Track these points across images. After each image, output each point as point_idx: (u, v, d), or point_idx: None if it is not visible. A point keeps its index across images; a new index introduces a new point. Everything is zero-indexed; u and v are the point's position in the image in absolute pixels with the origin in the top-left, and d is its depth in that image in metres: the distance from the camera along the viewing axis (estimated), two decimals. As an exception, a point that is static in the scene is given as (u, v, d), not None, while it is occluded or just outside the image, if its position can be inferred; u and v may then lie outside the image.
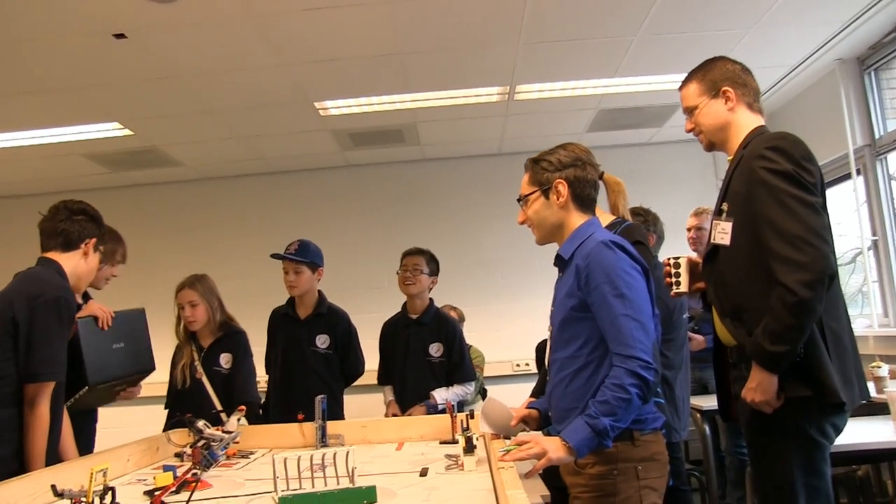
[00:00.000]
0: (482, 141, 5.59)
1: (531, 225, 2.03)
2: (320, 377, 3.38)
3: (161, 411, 3.30)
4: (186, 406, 2.79)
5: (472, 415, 2.39)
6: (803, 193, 1.81)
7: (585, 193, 1.97)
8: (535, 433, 1.98)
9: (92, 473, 1.46)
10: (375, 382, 3.64)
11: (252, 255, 4.65)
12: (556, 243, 2.01)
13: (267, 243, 3.69)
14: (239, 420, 2.40)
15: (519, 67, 4.10)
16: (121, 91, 4.02)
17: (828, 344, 1.84)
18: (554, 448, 1.70)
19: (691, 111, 2.14)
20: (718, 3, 3.47)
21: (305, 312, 3.50)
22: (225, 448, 2.29)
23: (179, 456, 2.45)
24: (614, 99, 4.74)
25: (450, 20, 3.47)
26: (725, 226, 1.98)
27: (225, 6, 3.16)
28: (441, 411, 3.14)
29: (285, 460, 1.70)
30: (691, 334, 3.62)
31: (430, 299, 3.62)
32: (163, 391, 3.31)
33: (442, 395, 3.38)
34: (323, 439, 2.51)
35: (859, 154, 4.26)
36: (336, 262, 3.99)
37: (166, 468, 2.08)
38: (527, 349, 4.39)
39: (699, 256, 2.23)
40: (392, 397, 3.52)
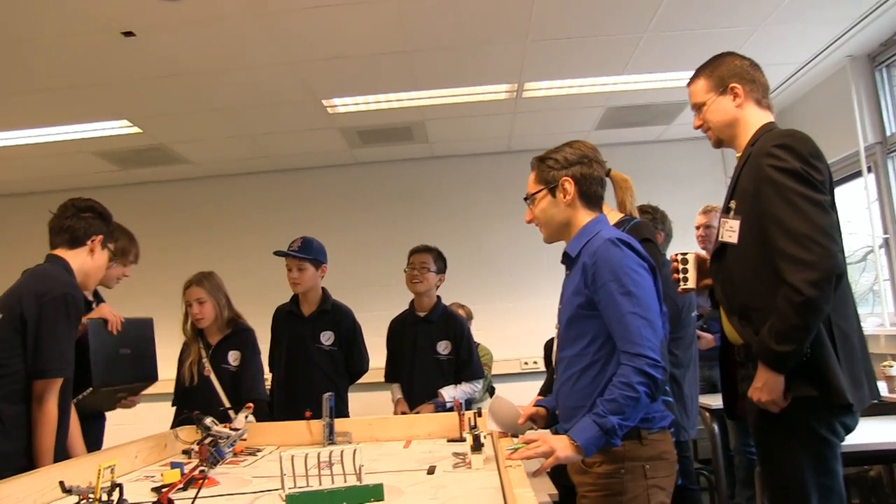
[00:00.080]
0: (490, 139, 5.59)
1: (538, 223, 2.02)
2: (325, 374, 3.38)
3: (169, 408, 3.31)
4: (194, 403, 2.78)
5: (480, 413, 2.37)
6: (811, 191, 1.79)
7: (592, 191, 1.96)
8: (543, 431, 1.98)
9: (100, 470, 1.46)
10: (380, 380, 3.65)
11: (260, 253, 4.66)
12: (564, 241, 2.00)
13: (275, 241, 3.69)
14: (247, 417, 2.40)
15: (527, 65, 4.09)
16: (129, 89, 4.04)
17: (836, 343, 1.81)
18: (562, 447, 1.69)
19: (699, 108, 2.12)
20: (727, 0, 3.44)
21: (310, 309, 3.50)
22: (232, 445, 2.30)
23: (187, 453, 2.46)
24: (623, 96, 4.72)
25: (458, 18, 3.47)
26: (733, 224, 1.96)
27: (233, 4, 3.17)
28: (449, 409, 3.14)
29: (292, 458, 1.70)
30: (700, 332, 3.59)
31: (438, 297, 3.61)
32: (170, 388, 3.32)
33: (450, 393, 3.37)
34: (330, 437, 2.51)
35: (870, 152, 4.22)
36: (343, 260, 3.99)
37: (174, 465, 2.09)
38: (535, 347, 4.39)
39: (707, 254, 2.22)
40: (400, 395, 3.51)
